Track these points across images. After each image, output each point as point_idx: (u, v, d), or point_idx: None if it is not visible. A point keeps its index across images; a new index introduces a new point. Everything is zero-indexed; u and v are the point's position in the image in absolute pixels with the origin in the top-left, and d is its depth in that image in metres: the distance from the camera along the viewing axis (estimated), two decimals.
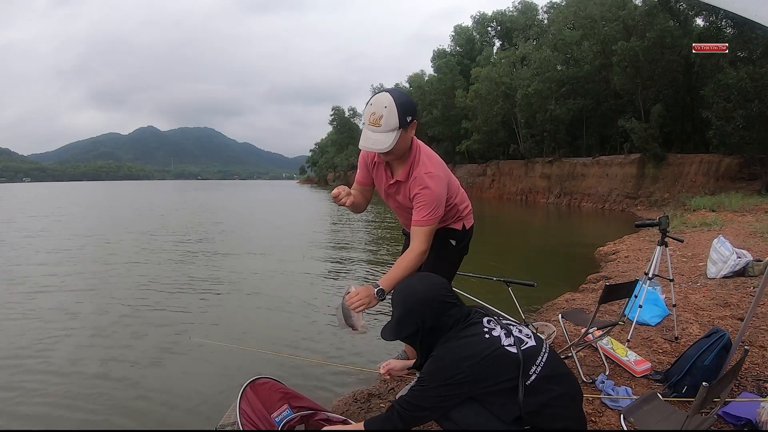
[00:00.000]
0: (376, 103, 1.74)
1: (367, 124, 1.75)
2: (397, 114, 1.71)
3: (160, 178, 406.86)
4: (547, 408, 1.30)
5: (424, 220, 1.86)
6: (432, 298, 1.45)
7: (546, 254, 9.49)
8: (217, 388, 2.99)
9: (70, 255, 8.51)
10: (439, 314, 1.43)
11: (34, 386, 3.12)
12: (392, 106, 1.71)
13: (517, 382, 1.29)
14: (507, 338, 1.36)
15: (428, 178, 1.87)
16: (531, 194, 29.61)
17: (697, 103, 20.80)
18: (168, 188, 72.94)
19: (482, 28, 42.17)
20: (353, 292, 1.74)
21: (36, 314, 4.75)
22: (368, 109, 1.75)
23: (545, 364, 1.35)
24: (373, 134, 1.74)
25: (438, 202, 1.88)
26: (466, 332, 1.38)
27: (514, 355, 1.32)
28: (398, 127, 1.73)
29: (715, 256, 4.88)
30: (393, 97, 1.73)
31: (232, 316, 4.74)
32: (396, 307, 1.51)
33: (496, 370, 1.30)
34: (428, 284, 1.50)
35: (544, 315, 4.00)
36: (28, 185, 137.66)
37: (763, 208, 11.64)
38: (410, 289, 1.51)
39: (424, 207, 1.86)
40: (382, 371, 1.79)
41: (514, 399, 1.29)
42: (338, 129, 64.63)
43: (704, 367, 2.21)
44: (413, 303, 1.45)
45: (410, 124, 1.79)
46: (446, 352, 1.36)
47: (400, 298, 1.51)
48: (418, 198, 1.87)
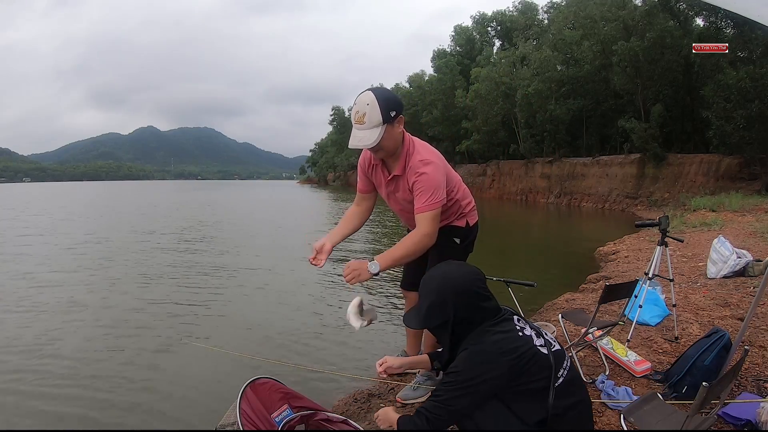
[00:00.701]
0: (359, 102, 1.79)
1: (354, 124, 1.79)
2: (379, 110, 1.75)
3: (160, 178, 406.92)
4: (570, 411, 1.30)
5: (426, 205, 1.86)
6: (467, 289, 1.37)
7: (546, 254, 9.49)
8: (217, 388, 2.98)
9: (76, 252, 8.56)
10: (472, 306, 1.36)
11: (31, 388, 3.12)
12: (374, 103, 1.75)
13: (548, 383, 1.28)
14: (538, 338, 1.34)
15: (423, 165, 1.89)
16: (531, 194, 29.60)
17: (697, 103, 20.80)
18: (168, 188, 72.93)
19: (482, 28, 42.17)
20: (346, 265, 1.77)
21: (41, 308, 4.81)
22: (353, 110, 1.81)
23: (569, 369, 1.35)
24: (359, 132, 1.78)
25: (437, 187, 1.88)
26: (501, 327, 1.33)
27: (545, 356, 1.30)
28: (382, 122, 1.77)
29: (715, 256, 4.87)
30: (375, 94, 1.77)
31: (233, 317, 4.74)
32: (427, 295, 1.41)
33: (531, 369, 1.27)
34: (464, 273, 1.41)
35: (544, 315, 4.00)
36: (29, 185, 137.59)
37: (763, 208, 11.63)
38: (445, 277, 1.41)
39: (423, 192, 1.87)
40: (378, 370, 1.72)
41: (542, 400, 1.27)
42: (338, 129, 64.70)
43: (704, 367, 2.21)
44: (447, 292, 1.36)
45: (395, 119, 1.82)
46: (484, 346, 1.29)
47: (433, 285, 1.41)
48: (417, 185, 1.89)
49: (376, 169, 2.07)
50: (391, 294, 5.45)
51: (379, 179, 2.09)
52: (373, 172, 2.10)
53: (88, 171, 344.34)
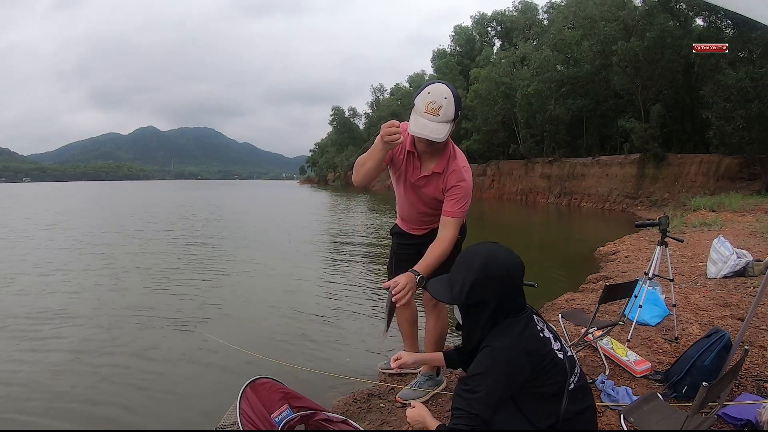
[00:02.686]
0: (436, 92, 1.75)
1: (424, 112, 1.75)
2: (454, 106, 1.77)
3: (160, 178, 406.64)
4: (579, 417, 1.29)
5: (459, 211, 1.95)
6: (513, 276, 1.30)
7: (546, 254, 9.48)
8: (217, 388, 2.98)
9: (82, 249, 8.62)
10: (510, 295, 1.30)
11: (33, 377, 3.15)
12: (451, 98, 1.75)
13: (563, 387, 1.27)
14: (555, 342, 1.33)
15: (465, 172, 1.96)
16: (531, 194, 29.60)
17: (697, 103, 20.81)
18: (169, 188, 72.88)
19: (482, 28, 42.22)
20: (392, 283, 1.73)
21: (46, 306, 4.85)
22: (426, 98, 1.75)
23: (580, 375, 1.35)
24: (431, 123, 1.76)
25: (469, 196, 1.98)
26: (527, 325, 1.30)
27: (561, 360, 1.29)
28: (453, 119, 1.79)
29: (715, 256, 4.87)
30: (451, 90, 1.78)
31: (235, 318, 4.74)
32: (469, 270, 1.30)
33: (548, 372, 1.26)
34: (511, 259, 1.32)
35: (544, 315, 3.99)
36: (29, 185, 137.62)
37: (763, 208, 11.64)
38: (492, 256, 1.31)
39: (459, 199, 1.94)
40: (392, 365, 1.73)
41: (554, 404, 1.26)
42: (338, 129, 64.57)
43: (704, 367, 2.21)
44: (494, 273, 1.28)
45: (456, 119, 1.84)
46: (509, 344, 1.24)
47: (478, 261, 1.30)
48: (455, 190, 1.95)
49: (409, 158, 2.02)
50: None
51: (407, 169, 2.04)
52: (404, 157, 2.03)
53: (88, 171, 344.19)
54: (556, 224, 17.84)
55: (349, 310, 4.94)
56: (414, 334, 2.51)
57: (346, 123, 62.86)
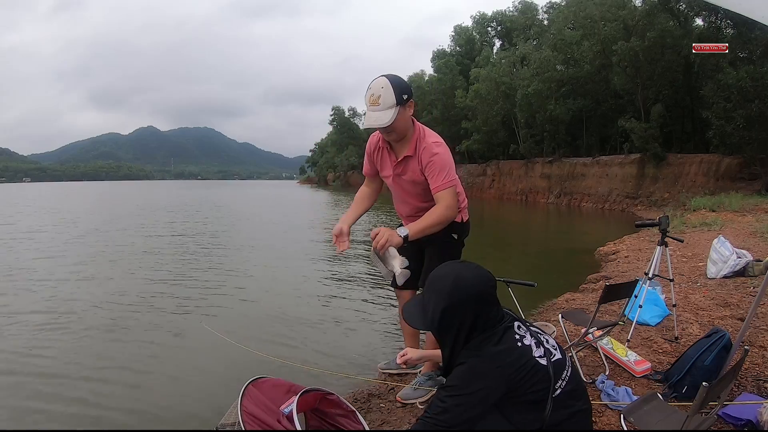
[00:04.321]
0: (374, 86, 1.89)
1: (368, 106, 1.89)
2: (393, 92, 1.86)
3: (160, 178, 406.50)
4: (567, 422, 1.28)
5: (444, 183, 1.97)
6: (482, 294, 1.28)
7: (546, 254, 9.49)
8: (217, 388, 2.98)
9: (89, 246, 8.57)
10: (482, 313, 1.28)
11: (32, 369, 3.17)
12: (388, 86, 1.86)
13: (546, 395, 1.24)
14: (537, 348, 1.30)
15: (436, 146, 2.00)
16: (531, 194, 29.60)
17: (697, 103, 20.81)
18: (169, 188, 72.86)
19: (482, 28, 42.18)
20: (374, 231, 1.81)
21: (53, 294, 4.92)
22: (368, 93, 1.89)
23: (569, 379, 1.31)
24: (373, 113, 1.88)
25: (450, 167, 2.00)
26: (501, 338, 1.28)
27: (544, 367, 1.26)
28: (395, 104, 1.86)
29: (715, 256, 4.87)
30: (388, 79, 1.89)
31: (234, 313, 4.75)
32: (438, 297, 1.30)
33: (528, 381, 1.24)
34: (478, 276, 1.31)
35: (544, 315, 4.00)
36: (29, 185, 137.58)
37: (763, 208, 11.64)
38: (459, 278, 1.29)
39: (439, 172, 1.97)
40: (398, 361, 1.76)
41: (539, 412, 1.25)
42: (338, 129, 64.55)
43: (704, 367, 2.21)
44: (463, 296, 1.27)
45: (407, 102, 1.92)
46: (482, 360, 1.25)
47: (446, 287, 1.29)
48: (431, 165, 1.98)
49: (383, 153, 2.17)
50: (387, 295, 5.45)
51: (385, 163, 2.17)
52: (380, 156, 2.19)
53: (88, 171, 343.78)
54: (556, 224, 17.84)
55: (349, 309, 4.94)
56: (415, 332, 2.52)
57: (346, 123, 62.82)
